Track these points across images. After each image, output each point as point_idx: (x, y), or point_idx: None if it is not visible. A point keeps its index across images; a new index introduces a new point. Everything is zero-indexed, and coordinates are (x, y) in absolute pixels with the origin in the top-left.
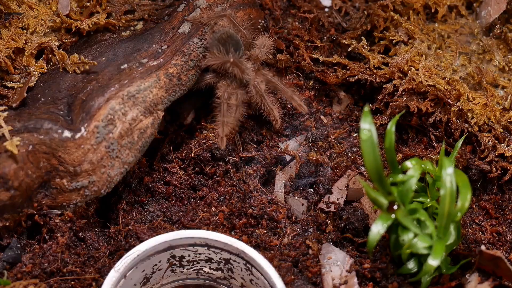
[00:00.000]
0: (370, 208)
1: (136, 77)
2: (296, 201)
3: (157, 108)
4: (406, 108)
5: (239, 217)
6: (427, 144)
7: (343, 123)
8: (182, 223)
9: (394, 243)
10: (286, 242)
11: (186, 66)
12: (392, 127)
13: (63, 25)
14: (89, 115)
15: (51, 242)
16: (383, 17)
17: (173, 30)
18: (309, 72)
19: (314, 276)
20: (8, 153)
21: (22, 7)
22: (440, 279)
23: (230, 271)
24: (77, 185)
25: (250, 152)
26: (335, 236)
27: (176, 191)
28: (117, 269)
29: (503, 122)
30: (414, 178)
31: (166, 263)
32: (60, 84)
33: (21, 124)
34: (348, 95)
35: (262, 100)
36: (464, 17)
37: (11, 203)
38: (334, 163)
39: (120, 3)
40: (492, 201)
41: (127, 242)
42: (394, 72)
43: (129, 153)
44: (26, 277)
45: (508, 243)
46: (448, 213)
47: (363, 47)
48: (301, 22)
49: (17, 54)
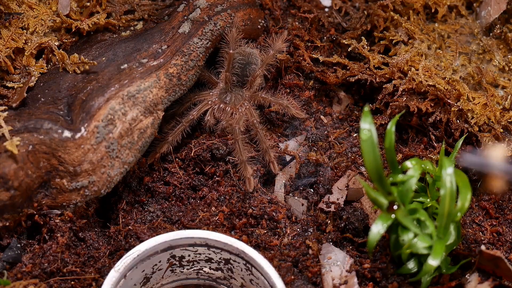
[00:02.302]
0: (370, 208)
1: (136, 77)
2: (296, 201)
3: (157, 108)
4: (406, 108)
5: (239, 217)
6: (427, 144)
7: (343, 123)
8: (182, 223)
9: (394, 243)
10: (286, 242)
11: (186, 66)
12: (392, 127)
13: (63, 25)
14: (89, 115)
15: (51, 242)
16: (383, 17)
17: (173, 30)
18: (309, 72)
19: (314, 276)
20: (8, 153)
21: (22, 7)
22: (440, 279)
23: (230, 271)
24: (77, 185)
25: (250, 152)
26: (335, 236)
27: (176, 191)
28: (117, 269)
29: (503, 122)
30: (414, 178)
31: (166, 263)
32: (60, 84)
33: (21, 124)
34: (348, 95)
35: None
36: (464, 17)
37: (11, 203)
38: (334, 163)
39: (120, 3)
40: (492, 201)
41: (127, 242)
42: (394, 72)
43: (129, 153)
44: (26, 277)
45: (508, 243)
46: (448, 213)
47: (363, 47)
48: (301, 22)
49: (17, 54)
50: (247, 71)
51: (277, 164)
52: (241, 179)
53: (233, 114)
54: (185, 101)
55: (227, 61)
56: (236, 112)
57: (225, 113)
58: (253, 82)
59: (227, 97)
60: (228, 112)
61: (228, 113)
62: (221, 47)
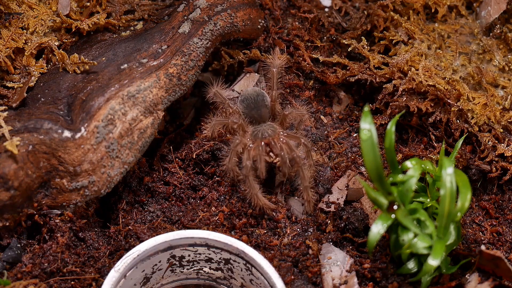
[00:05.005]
0: (370, 208)
1: (136, 77)
2: (296, 201)
3: (157, 108)
4: (406, 108)
5: (239, 217)
6: (427, 144)
7: (343, 123)
8: (182, 223)
9: (394, 243)
10: (286, 242)
11: (186, 66)
12: (392, 127)
13: (63, 25)
14: (89, 115)
15: (51, 242)
16: (383, 17)
17: (173, 30)
18: (309, 72)
19: (314, 276)
20: (8, 153)
21: (22, 7)
22: (440, 279)
23: (230, 271)
24: (77, 185)
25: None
26: (335, 236)
27: (176, 191)
28: (117, 269)
29: (503, 122)
30: (414, 178)
31: (166, 263)
32: (60, 84)
33: (21, 124)
34: (348, 95)
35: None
36: (464, 17)
37: (11, 203)
38: (334, 163)
39: (120, 3)
40: (492, 201)
41: (127, 242)
42: (394, 72)
43: (129, 153)
44: (26, 277)
45: (508, 243)
46: (448, 213)
47: (363, 47)
48: (301, 22)
49: (17, 54)
50: (261, 106)
51: (313, 206)
52: (241, 179)
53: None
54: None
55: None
56: (274, 147)
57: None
58: (274, 107)
59: (259, 133)
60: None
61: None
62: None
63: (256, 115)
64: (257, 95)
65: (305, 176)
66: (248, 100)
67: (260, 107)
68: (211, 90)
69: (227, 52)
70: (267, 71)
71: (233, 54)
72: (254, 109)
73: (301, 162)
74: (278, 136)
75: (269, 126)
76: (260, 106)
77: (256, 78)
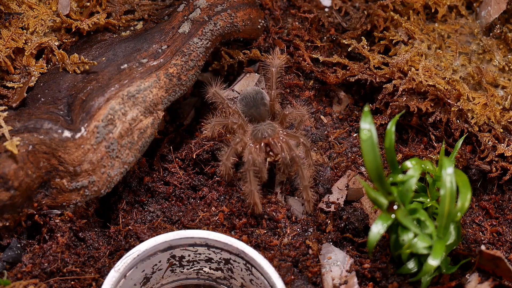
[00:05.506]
0: (370, 208)
1: (136, 77)
2: (296, 201)
3: (157, 108)
4: (406, 108)
5: (239, 217)
6: (427, 144)
7: (343, 123)
8: (182, 223)
9: (394, 243)
10: (286, 242)
11: (186, 66)
12: (392, 127)
13: (63, 25)
14: (89, 115)
15: (51, 242)
16: (383, 17)
17: (173, 30)
18: (309, 72)
19: (314, 276)
20: (8, 153)
21: (22, 7)
22: (440, 279)
23: (230, 271)
24: (77, 185)
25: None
26: (335, 236)
27: (176, 191)
28: (117, 269)
29: (503, 122)
30: (414, 178)
31: (166, 263)
32: (60, 84)
33: (21, 124)
34: (348, 95)
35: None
36: (464, 17)
37: (11, 203)
38: (334, 163)
39: (120, 3)
40: (492, 201)
41: (127, 242)
42: (394, 72)
43: (129, 153)
44: (26, 277)
45: (508, 243)
46: (448, 213)
47: (363, 47)
48: (301, 22)
49: (17, 54)
50: (260, 104)
51: (313, 205)
52: (241, 179)
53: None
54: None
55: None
56: (274, 147)
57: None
58: (273, 106)
59: (259, 132)
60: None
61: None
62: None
63: (255, 113)
64: (256, 94)
65: (304, 176)
66: (247, 98)
67: (259, 105)
68: (210, 90)
69: (227, 52)
70: (267, 71)
71: (233, 54)
72: (253, 107)
73: (301, 162)
74: (277, 135)
75: (268, 125)
76: (259, 104)
77: (256, 78)
